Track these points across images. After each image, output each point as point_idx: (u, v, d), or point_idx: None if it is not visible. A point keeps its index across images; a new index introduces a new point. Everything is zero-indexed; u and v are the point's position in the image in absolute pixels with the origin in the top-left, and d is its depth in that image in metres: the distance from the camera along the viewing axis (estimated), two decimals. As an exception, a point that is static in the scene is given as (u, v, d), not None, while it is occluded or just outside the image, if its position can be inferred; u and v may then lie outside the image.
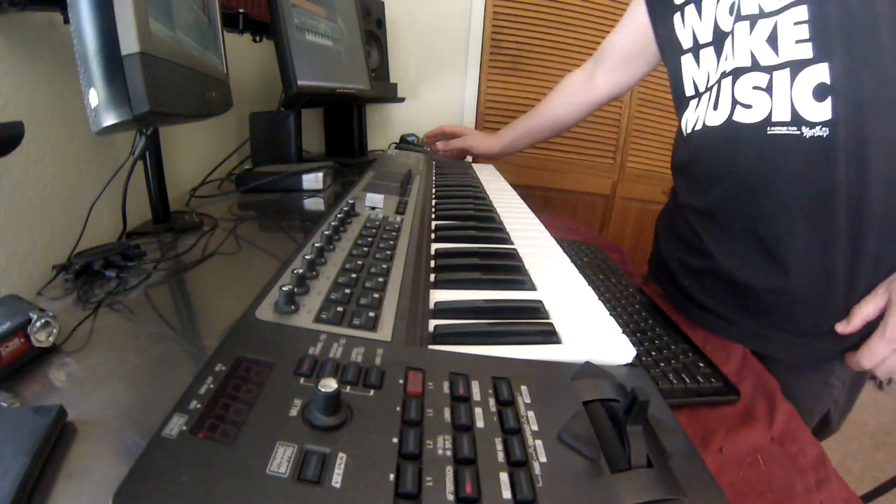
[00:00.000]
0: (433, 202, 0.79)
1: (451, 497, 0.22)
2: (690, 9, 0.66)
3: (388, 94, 1.64)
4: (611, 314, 0.44)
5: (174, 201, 0.75)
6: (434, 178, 1.00)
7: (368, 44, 1.43)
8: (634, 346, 0.39)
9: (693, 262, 0.70)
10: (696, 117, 0.67)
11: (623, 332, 0.41)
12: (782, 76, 0.55)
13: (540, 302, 0.45)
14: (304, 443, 0.23)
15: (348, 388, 0.27)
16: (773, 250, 0.60)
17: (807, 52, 0.53)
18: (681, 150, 0.73)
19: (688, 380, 0.47)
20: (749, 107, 0.59)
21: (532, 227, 0.73)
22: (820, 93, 0.53)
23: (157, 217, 0.70)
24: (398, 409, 0.27)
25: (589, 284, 0.51)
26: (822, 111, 0.53)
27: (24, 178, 0.55)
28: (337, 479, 0.21)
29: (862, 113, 0.52)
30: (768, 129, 0.57)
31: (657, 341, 0.54)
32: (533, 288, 0.49)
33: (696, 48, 0.67)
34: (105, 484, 0.26)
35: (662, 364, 0.50)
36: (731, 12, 0.60)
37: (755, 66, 0.58)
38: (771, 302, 0.61)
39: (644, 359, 0.50)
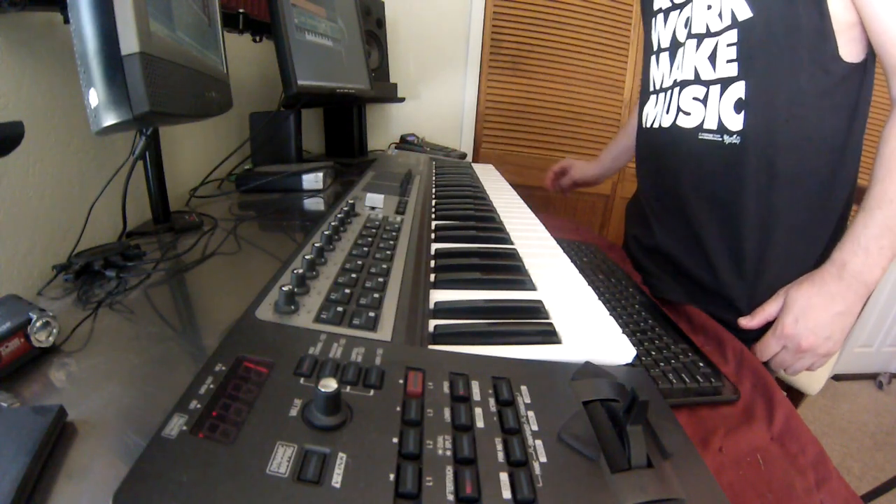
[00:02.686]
0: (433, 202, 0.79)
1: (451, 497, 0.22)
2: (660, 17, 0.76)
3: (388, 94, 1.64)
4: (611, 314, 0.44)
5: (174, 201, 0.75)
6: (434, 178, 1.00)
7: (368, 44, 1.43)
8: (634, 346, 0.39)
9: (643, 239, 0.84)
10: (655, 115, 0.78)
11: (623, 332, 0.41)
12: (715, 90, 0.66)
13: (540, 302, 0.45)
14: (304, 443, 0.23)
15: (348, 388, 0.27)
16: (698, 236, 0.72)
17: (733, 70, 0.63)
18: (641, 141, 0.85)
19: (687, 380, 0.47)
20: (688, 114, 0.70)
21: (532, 227, 0.73)
22: (738, 106, 0.63)
23: (157, 217, 0.70)
24: (398, 409, 0.27)
25: (589, 284, 0.51)
26: (737, 122, 0.64)
27: (24, 178, 0.55)
28: (337, 479, 0.21)
29: (773, 124, 0.61)
30: (699, 134, 0.68)
31: (657, 341, 0.54)
32: (533, 288, 0.49)
33: (659, 51, 0.77)
34: (105, 484, 0.26)
35: (662, 364, 0.50)
36: (685, 26, 0.70)
37: (697, 80, 0.68)
38: (701, 279, 0.72)
39: (644, 359, 0.50)
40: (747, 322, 0.64)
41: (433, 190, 0.88)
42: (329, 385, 0.24)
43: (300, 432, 0.24)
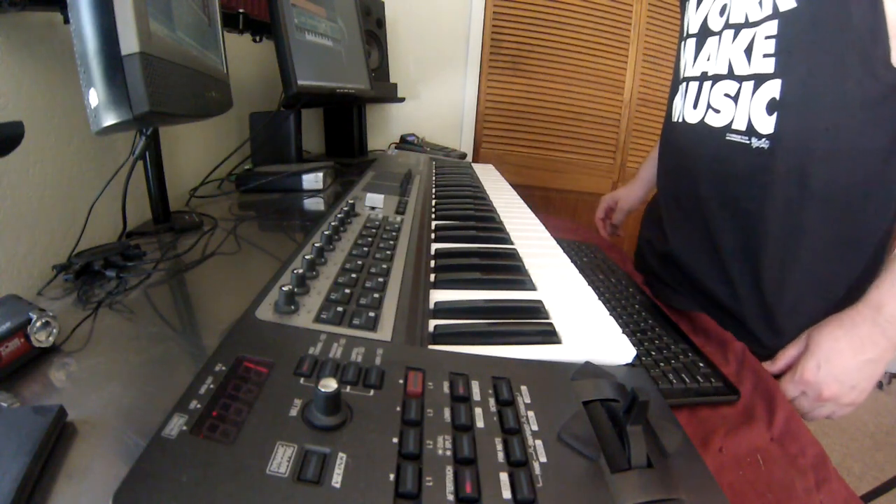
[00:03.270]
0: (433, 202, 0.79)
1: (451, 497, 0.22)
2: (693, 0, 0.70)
3: (388, 94, 1.64)
4: (611, 314, 0.44)
5: (174, 201, 0.75)
6: (434, 178, 1.00)
7: (368, 44, 1.43)
8: (634, 346, 0.39)
9: (656, 244, 0.78)
10: (680, 108, 0.72)
11: (623, 332, 0.41)
12: (748, 87, 0.59)
13: (540, 302, 0.45)
14: (304, 443, 0.23)
15: (348, 388, 0.27)
16: (715, 245, 0.66)
17: (769, 66, 0.56)
18: (665, 135, 0.78)
19: (687, 380, 0.47)
20: (718, 112, 0.63)
21: (532, 227, 0.73)
22: (771, 107, 0.56)
23: (157, 217, 0.70)
24: (398, 409, 0.27)
25: (589, 284, 0.51)
26: (768, 124, 0.57)
27: (25, 178, 0.55)
28: (337, 479, 0.21)
29: (809, 131, 0.54)
30: (727, 135, 0.62)
31: (657, 341, 0.54)
32: (533, 288, 0.49)
33: (686, 36, 0.71)
34: (105, 484, 0.26)
35: (662, 364, 0.50)
36: (721, 14, 0.63)
37: (730, 74, 0.61)
38: (714, 292, 0.67)
39: (644, 359, 0.50)
40: (769, 366, 0.58)
41: (433, 190, 0.88)
42: (329, 385, 0.24)
43: (300, 432, 0.24)
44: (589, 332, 0.41)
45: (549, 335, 0.40)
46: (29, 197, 0.55)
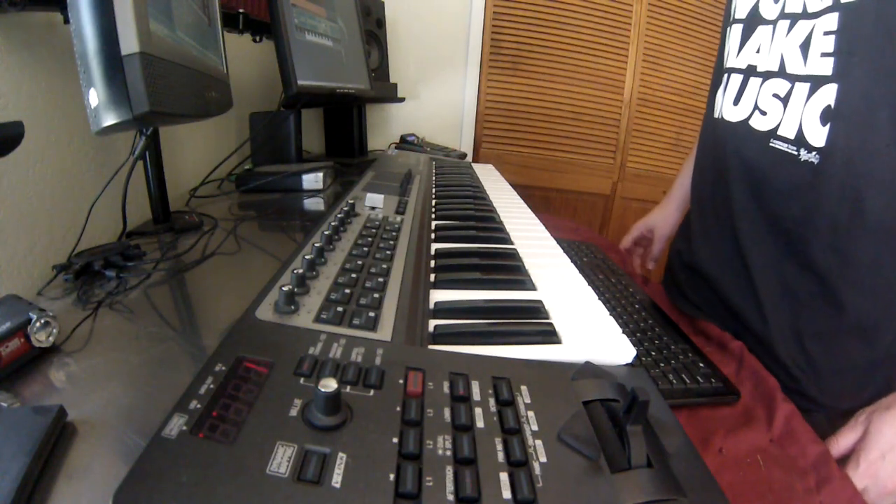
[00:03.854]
0: (433, 202, 0.79)
1: (451, 497, 0.22)
2: None
3: (388, 94, 1.64)
4: (611, 314, 0.44)
5: (174, 201, 0.75)
6: (434, 178, 1.00)
7: (368, 44, 1.43)
8: (634, 346, 0.39)
9: (685, 254, 0.70)
10: (720, 103, 0.64)
11: (623, 332, 0.41)
12: (802, 89, 0.51)
13: (540, 302, 0.45)
14: (304, 443, 0.23)
15: (348, 388, 0.27)
16: (746, 264, 0.58)
17: (826, 67, 0.48)
18: (705, 132, 0.70)
19: (687, 380, 0.47)
20: (765, 114, 0.55)
21: (532, 227, 0.73)
22: (825, 116, 0.48)
23: (157, 217, 0.70)
24: (398, 409, 0.27)
25: (589, 284, 0.51)
26: (821, 135, 0.49)
27: (24, 178, 0.55)
28: (337, 479, 0.21)
29: (868, 148, 0.46)
30: (771, 141, 0.54)
31: (657, 341, 0.54)
32: (533, 288, 0.49)
33: (733, 21, 0.62)
34: (105, 484, 0.26)
35: (662, 364, 0.50)
36: (776, 0, 0.55)
37: (781, 72, 0.53)
38: (743, 313, 0.59)
39: (644, 359, 0.50)
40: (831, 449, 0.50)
41: (433, 190, 0.88)
42: (329, 385, 0.24)
43: (300, 432, 0.24)
44: (589, 332, 0.41)
45: (549, 335, 0.40)
46: (29, 197, 0.55)
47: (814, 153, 0.50)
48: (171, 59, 0.49)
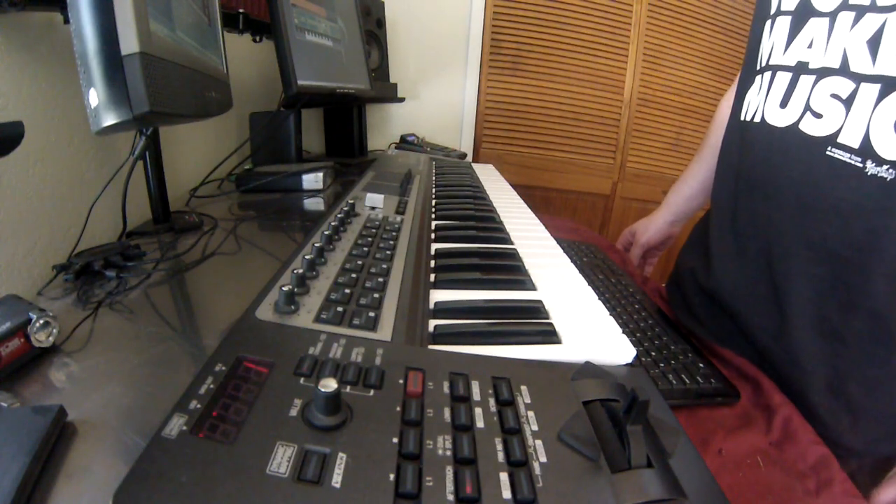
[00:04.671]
0: (433, 202, 0.79)
1: (451, 497, 0.22)
2: None
3: (388, 94, 1.64)
4: (611, 314, 0.44)
5: (174, 201, 0.75)
6: (434, 178, 1.00)
7: (368, 44, 1.43)
8: (634, 346, 0.39)
9: (701, 275, 0.62)
10: (758, 104, 0.55)
11: (623, 332, 0.41)
12: (869, 91, 0.44)
13: (540, 302, 0.45)
14: (304, 443, 0.23)
15: (348, 388, 0.28)
16: (780, 291, 0.51)
17: None
18: (730, 137, 0.62)
19: (687, 380, 0.47)
20: (819, 116, 0.48)
21: (532, 227, 0.73)
22: None
23: (157, 217, 0.70)
24: (398, 409, 0.27)
25: (589, 284, 0.51)
26: (894, 147, 0.42)
27: (24, 178, 0.55)
28: (337, 479, 0.21)
29: None
30: (828, 149, 0.46)
31: (656, 341, 0.54)
32: (533, 288, 0.49)
33: (777, 14, 0.54)
34: (105, 484, 0.26)
35: (662, 364, 0.50)
36: None
37: (843, 70, 0.46)
38: (770, 348, 0.53)
39: (643, 359, 0.50)
40: None
41: (433, 190, 0.88)
42: (329, 385, 0.24)
43: (300, 432, 0.24)
44: (589, 332, 0.41)
45: (549, 335, 0.40)
46: (29, 197, 0.55)
47: (886, 167, 0.42)
48: (171, 59, 0.49)
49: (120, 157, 0.71)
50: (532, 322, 0.42)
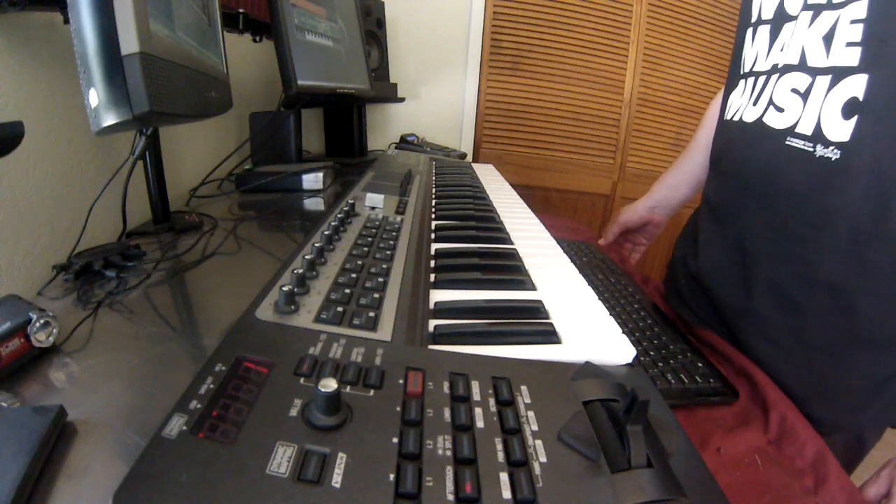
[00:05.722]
0: (433, 202, 0.79)
1: (451, 497, 0.22)
2: None
3: (388, 94, 1.64)
4: (610, 314, 0.44)
5: (174, 201, 0.75)
6: (434, 178, 1.00)
7: (368, 44, 1.43)
8: (633, 345, 0.39)
9: (690, 262, 0.66)
10: (738, 106, 0.60)
11: (622, 332, 0.41)
12: (822, 83, 0.47)
13: (540, 302, 0.45)
14: (304, 443, 0.23)
15: (348, 388, 0.28)
16: (749, 273, 0.55)
17: (853, 58, 0.44)
18: (717, 136, 0.66)
19: (686, 380, 0.47)
20: (781, 110, 0.51)
21: (532, 227, 0.73)
22: (849, 109, 0.44)
23: (157, 217, 0.70)
24: (398, 409, 0.27)
25: (589, 284, 0.51)
26: (843, 130, 0.45)
27: (24, 178, 0.55)
28: (337, 479, 0.22)
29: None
30: (787, 138, 0.50)
31: (656, 341, 0.55)
32: (533, 288, 0.49)
33: (758, 23, 0.58)
34: (105, 484, 0.26)
35: (661, 364, 0.50)
36: None
37: (802, 66, 0.49)
38: (743, 328, 0.57)
39: (642, 359, 0.50)
40: None
41: (433, 190, 0.88)
42: (329, 385, 0.24)
43: (300, 432, 0.24)
44: (589, 332, 0.41)
45: (549, 335, 0.40)
46: (29, 197, 0.55)
47: (832, 148, 0.45)
48: (171, 59, 0.49)
49: (120, 157, 0.71)
50: (532, 322, 0.42)
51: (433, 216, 0.71)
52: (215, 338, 0.42)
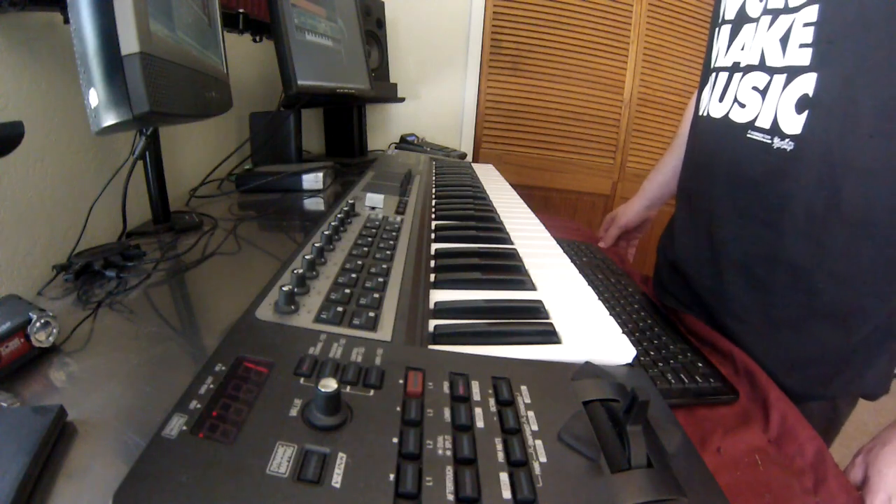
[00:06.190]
0: (433, 202, 0.79)
1: (451, 497, 0.22)
2: None
3: (388, 94, 1.64)
4: (610, 314, 0.44)
5: (174, 201, 0.75)
6: (434, 178, 1.00)
7: (368, 44, 1.43)
8: (633, 345, 0.39)
9: (668, 251, 0.72)
10: (707, 101, 0.65)
11: (622, 332, 0.41)
12: (779, 81, 0.52)
13: (540, 302, 0.45)
14: (304, 443, 0.23)
15: (348, 388, 0.28)
16: (719, 256, 0.59)
17: (805, 58, 0.49)
18: (691, 131, 0.71)
19: (686, 380, 0.47)
20: (744, 106, 0.57)
21: (532, 227, 0.73)
22: (801, 104, 0.49)
23: (157, 217, 0.70)
24: (398, 409, 0.27)
25: (589, 284, 0.51)
26: (796, 123, 0.50)
27: (24, 178, 0.55)
28: (337, 479, 0.22)
29: (846, 137, 0.47)
30: (749, 132, 0.55)
31: (656, 341, 0.54)
32: (533, 288, 0.49)
33: (721, 23, 0.64)
34: (105, 484, 0.26)
35: (661, 364, 0.50)
36: None
37: (762, 65, 0.54)
38: (710, 304, 0.61)
39: (643, 359, 0.50)
40: None
41: (433, 190, 0.88)
42: (329, 385, 0.24)
43: (300, 432, 0.24)
44: (589, 332, 0.41)
45: (549, 335, 0.40)
46: (29, 197, 0.55)
47: (787, 140, 0.50)
48: (171, 59, 0.49)
49: (120, 157, 0.71)
50: (532, 322, 0.42)
51: (433, 216, 0.71)
52: (215, 338, 0.42)
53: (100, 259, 0.52)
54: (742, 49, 0.58)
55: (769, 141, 0.52)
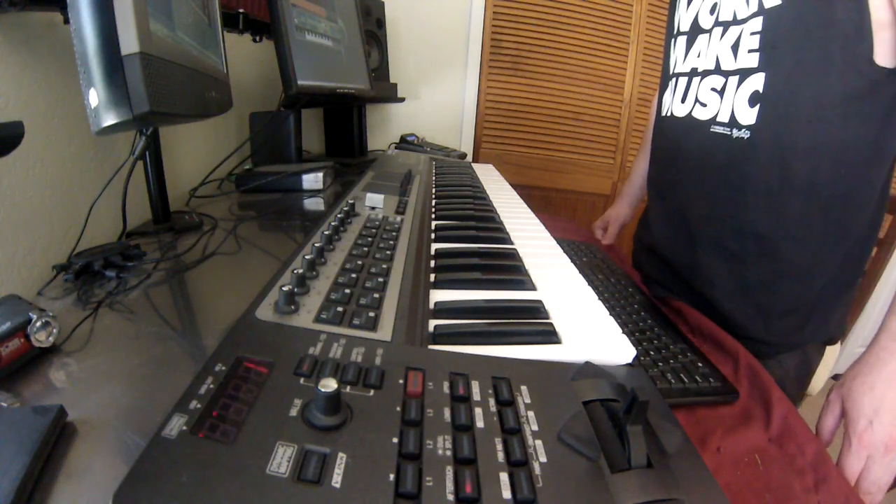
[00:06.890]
0: (433, 202, 0.79)
1: (451, 497, 0.22)
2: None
3: (388, 94, 1.64)
4: (610, 314, 0.44)
5: (174, 201, 0.75)
6: (434, 178, 1.00)
7: (368, 44, 1.43)
8: (633, 345, 0.39)
9: (644, 238, 0.81)
10: (669, 103, 0.74)
11: (622, 332, 0.41)
12: (733, 81, 0.61)
13: (540, 302, 0.45)
14: (304, 443, 0.23)
15: (348, 388, 0.28)
16: (694, 236, 0.68)
17: (754, 61, 0.58)
18: (655, 130, 0.81)
19: (686, 380, 0.47)
20: (705, 105, 0.66)
21: (532, 227, 0.73)
22: (753, 99, 0.58)
23: (157, 217, 0.70)
24: (398, 409, 0.27)
25: (589, 284, 0.51)
26: (750, 116, 0.59)
27: (24, 178, 0.55)
28: (337, 479, 0.22)
29: (791, 123, 0.56)
30: (711, 127, 0.64)
31: (656, 341, 0.54)
32: (533, 288, 0.49)
33: (677, 34, 0.74)
34: (105, 484, 0.26)
35: (661, 364, 0.50)
36: (711, 12, 0.66)
37: (717, 70, 0.64)
38: (691, 281, 0.69)
39: (643, 359, 0.50)
40: None
41: (433, 190, 0.88)
42: (329, 385, 0.24)
43: (300, 432, 0.24)
44: (589, 332, 0.41)
45: (549, 335, 0.40)
46: (29, 197, 0.55)
47: (744, 130, 0.60)
48: (171, 59, 0.49)
49: (120, 157, 0.71)
50: (532, 322, 0.42)
51: (433, 216, 0.71)
52: (215, 338, 0.42)
53: (100, 259, 0.52)
54: (698, 56, 0.68)
55: (729, 132, 0.62)
